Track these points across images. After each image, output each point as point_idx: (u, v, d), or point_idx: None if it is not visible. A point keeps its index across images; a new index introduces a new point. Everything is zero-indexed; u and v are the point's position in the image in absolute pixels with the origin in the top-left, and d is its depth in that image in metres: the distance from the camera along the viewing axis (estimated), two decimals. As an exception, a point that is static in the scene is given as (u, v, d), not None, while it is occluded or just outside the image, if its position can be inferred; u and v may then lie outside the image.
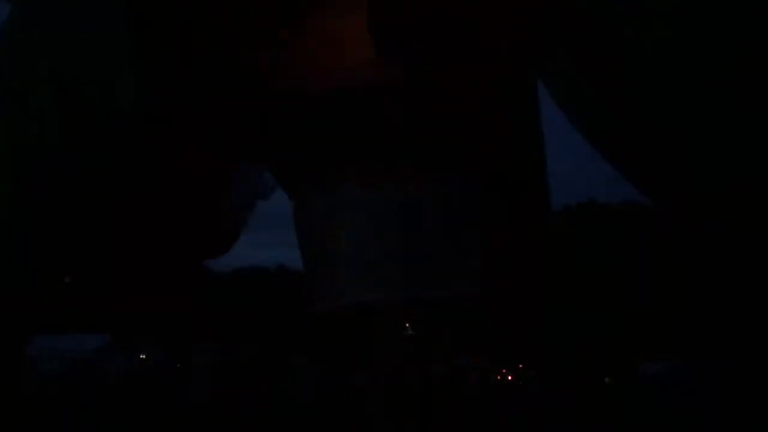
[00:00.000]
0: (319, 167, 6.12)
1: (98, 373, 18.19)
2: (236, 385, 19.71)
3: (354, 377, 13.11)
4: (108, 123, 2.75)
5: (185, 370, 18.34)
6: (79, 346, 19.72)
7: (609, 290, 21.62)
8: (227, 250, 4.65)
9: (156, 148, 3.03)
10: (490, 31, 3.40)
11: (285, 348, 24.39)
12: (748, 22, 2.47)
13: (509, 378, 20.61)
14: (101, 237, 3.39)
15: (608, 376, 17.87)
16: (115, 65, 2.73)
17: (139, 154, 3.01)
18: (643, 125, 2.83)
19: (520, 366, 18.59)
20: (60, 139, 2.73)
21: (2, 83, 2.83)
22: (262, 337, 27.09)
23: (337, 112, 4.44)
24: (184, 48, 2.88)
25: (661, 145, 2.84)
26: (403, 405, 9.17)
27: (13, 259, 3.01)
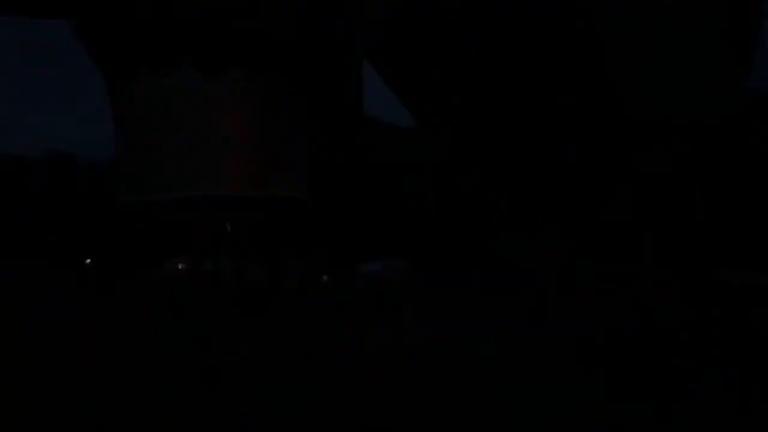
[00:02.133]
0: (156, 45, 5.68)
1: None
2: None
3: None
4: None
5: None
6: None
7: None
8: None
9: None
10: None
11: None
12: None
13: (324, 278, 21.06)
14: None
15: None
16: None
17: None
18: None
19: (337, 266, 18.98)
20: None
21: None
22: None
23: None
24: None
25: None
26: (219, 300, 8.96)
27: None
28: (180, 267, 9.74)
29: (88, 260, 19.61)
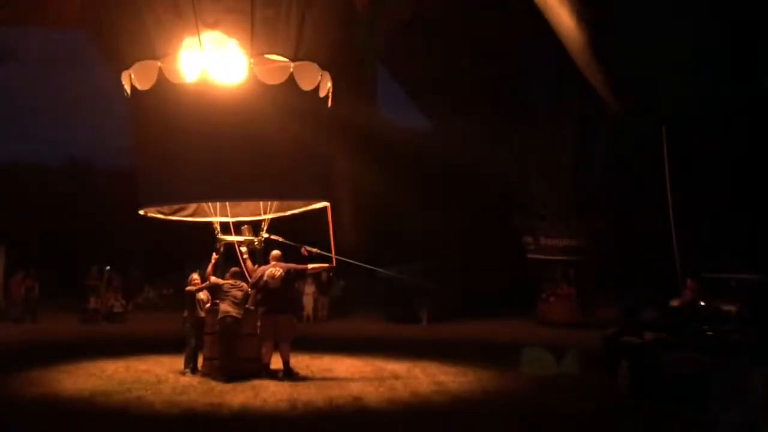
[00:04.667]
0: (173, 52, 5.76)
1: None
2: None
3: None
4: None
5: None
6: None
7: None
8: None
9: None
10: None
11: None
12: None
13: (340, 282, 21.23)
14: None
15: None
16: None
17: None
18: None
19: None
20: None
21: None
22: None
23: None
24: None
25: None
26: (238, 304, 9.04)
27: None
28: (196, 277, 9.83)
29: (108, 267, 19.77)
